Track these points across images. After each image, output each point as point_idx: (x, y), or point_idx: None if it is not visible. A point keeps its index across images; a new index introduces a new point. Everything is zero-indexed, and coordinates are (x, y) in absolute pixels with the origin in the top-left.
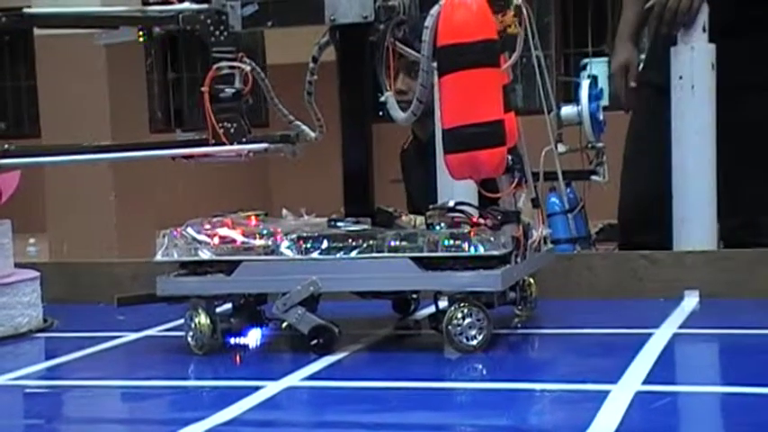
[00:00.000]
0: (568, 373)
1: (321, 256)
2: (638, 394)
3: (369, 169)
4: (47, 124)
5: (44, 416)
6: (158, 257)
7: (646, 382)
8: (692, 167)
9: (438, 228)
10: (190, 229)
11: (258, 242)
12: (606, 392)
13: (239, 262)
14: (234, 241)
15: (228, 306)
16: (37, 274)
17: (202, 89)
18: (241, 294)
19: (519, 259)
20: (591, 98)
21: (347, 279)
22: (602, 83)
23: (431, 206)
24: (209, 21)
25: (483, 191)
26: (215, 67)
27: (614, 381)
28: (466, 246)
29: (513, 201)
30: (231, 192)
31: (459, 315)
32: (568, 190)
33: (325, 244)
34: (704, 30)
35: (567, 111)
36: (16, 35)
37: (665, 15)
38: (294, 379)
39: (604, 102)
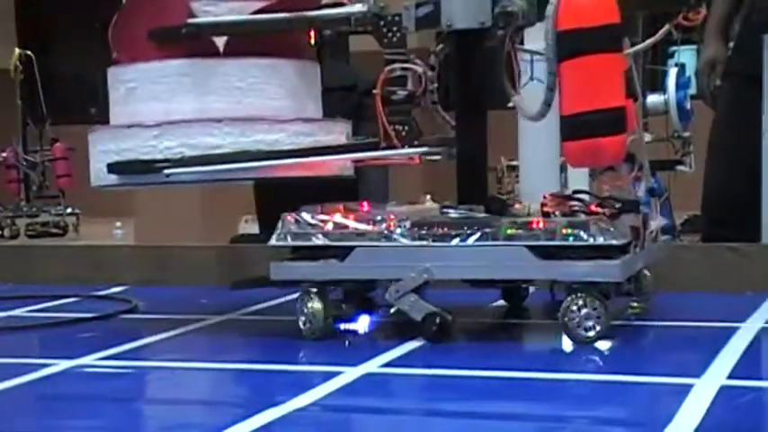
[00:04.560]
0: (651, 366)
1: (436, 243)
2: (723, 389)
3: (482, 158)
4: None
5: (126, 396)
6: (273, 242)
7: (730, 376)
8: None
9: (554, 216)
10: (304, 214)
11: (371, 228)
12: (690, 386)
13: (353, 248)
14: (347, 227)
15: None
16: None
17: (374, 92)
18: (352, 280)
19: (638, 249)
20: (678, 87)
21: (461, 267)
22: (690, 71)
23: (547, 194)
24: (381, 23)
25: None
26: (387, 69)
27: (698, 375)
28: (585, 235)
29: (633, 190)
30: None
31: (575, 307)
32: (653, 180)
33: (439, 231)
34: None
35: (654, 99)
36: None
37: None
38: (372, 365)
39: (692, 90)
